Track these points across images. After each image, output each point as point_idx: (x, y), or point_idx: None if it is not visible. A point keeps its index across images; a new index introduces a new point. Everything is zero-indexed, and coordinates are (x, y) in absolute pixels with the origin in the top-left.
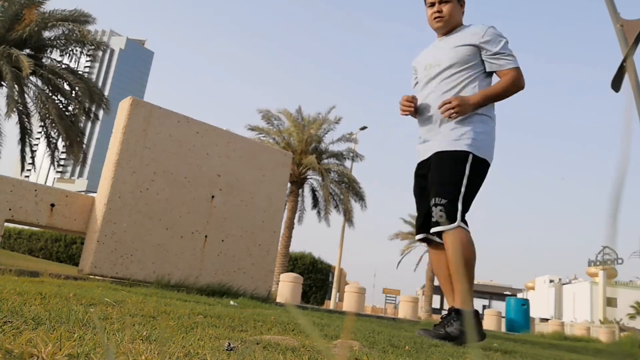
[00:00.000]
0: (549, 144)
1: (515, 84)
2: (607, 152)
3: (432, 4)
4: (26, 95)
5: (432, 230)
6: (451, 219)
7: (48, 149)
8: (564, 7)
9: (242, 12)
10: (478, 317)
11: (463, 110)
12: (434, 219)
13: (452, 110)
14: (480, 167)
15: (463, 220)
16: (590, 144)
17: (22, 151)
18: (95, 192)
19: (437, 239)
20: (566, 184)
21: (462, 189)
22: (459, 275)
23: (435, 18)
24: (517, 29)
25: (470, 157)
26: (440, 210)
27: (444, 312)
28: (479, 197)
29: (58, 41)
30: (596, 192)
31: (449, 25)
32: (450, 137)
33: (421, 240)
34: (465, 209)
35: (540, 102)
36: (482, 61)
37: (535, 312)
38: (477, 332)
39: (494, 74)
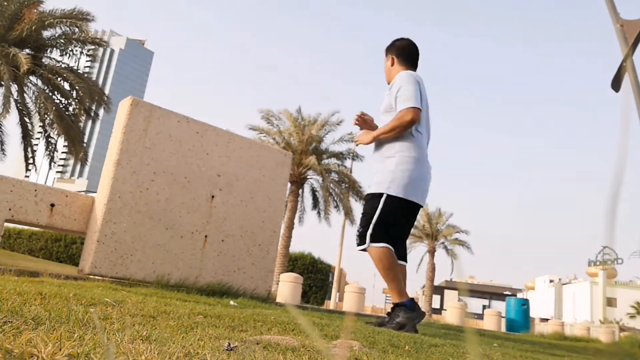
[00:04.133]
0: (548, 143)
1: (399, 121)
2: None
3: None
4: (26, 95)
5: (357, 249)
6: (362, 241)
7: (48, 149)
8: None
9: (243, 11)
10: (413, 301)
11: (364, 139)
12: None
13: (358, 141)
14: (397, 202)
15: (375, 240)
16: (590, 143)
17: (25, 151)
18: (95, 192)
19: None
20: (566, 184)
21: (374, 219)
22: (385, 280)
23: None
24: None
25: (384, 196)
26: (356, 236)
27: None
28: (480, 198)
29: (58, 40)
30: (596, 192)
31: (388, 79)
32: (374, 182)
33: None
34: (378, 232)
35: (539, 101)
36: None
37: (535, 312)
38: (418, 314)
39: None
